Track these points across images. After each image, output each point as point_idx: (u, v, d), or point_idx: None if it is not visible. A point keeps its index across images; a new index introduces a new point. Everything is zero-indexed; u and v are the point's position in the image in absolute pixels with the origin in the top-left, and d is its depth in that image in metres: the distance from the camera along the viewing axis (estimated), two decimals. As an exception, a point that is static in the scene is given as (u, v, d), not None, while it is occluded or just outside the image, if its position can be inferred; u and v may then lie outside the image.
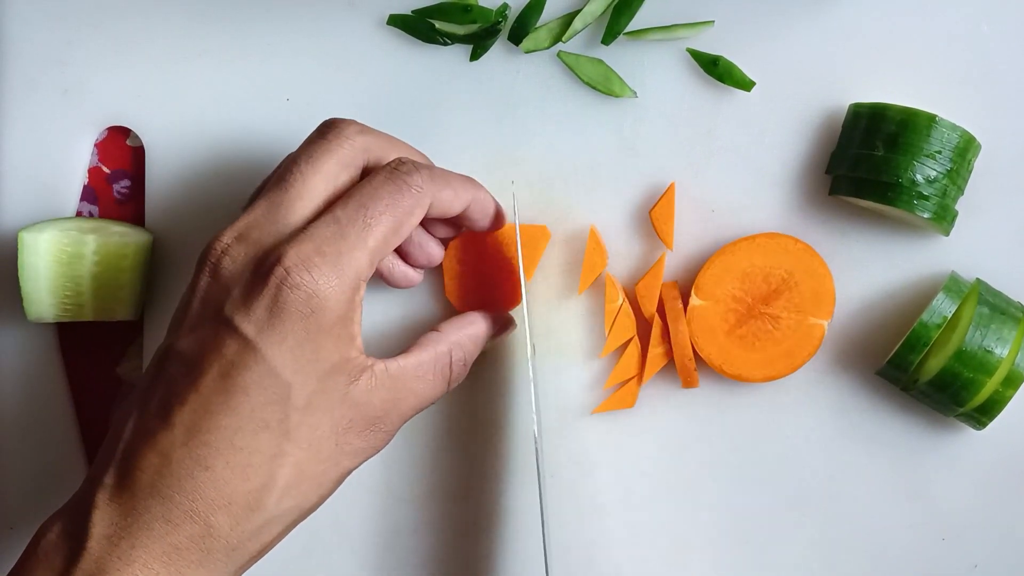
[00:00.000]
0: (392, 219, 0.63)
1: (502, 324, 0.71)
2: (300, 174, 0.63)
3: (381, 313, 0.74)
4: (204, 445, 0.59)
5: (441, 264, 0.72)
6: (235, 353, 0.60)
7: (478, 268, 0.72)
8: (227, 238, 0.62)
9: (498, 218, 0.70)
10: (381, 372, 0.63)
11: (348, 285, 0.61)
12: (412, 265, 0.71)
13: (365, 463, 0.73)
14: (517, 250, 0.70)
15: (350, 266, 0.61)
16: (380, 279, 0.71)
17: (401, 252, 0.70)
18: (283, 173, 0.64)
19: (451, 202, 0.66)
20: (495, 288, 0.72)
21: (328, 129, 0.65)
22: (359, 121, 0.66)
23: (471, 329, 0.69)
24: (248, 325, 0.60)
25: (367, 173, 0.66)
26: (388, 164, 0.64)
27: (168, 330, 0.63)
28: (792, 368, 0.70)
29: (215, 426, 0.59)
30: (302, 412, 0.61)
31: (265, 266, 0.61)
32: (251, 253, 0.62)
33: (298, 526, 0.71)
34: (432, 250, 0.70)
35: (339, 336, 0.61)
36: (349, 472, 0.64)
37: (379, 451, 0.64)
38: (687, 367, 0.71)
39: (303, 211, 0.63)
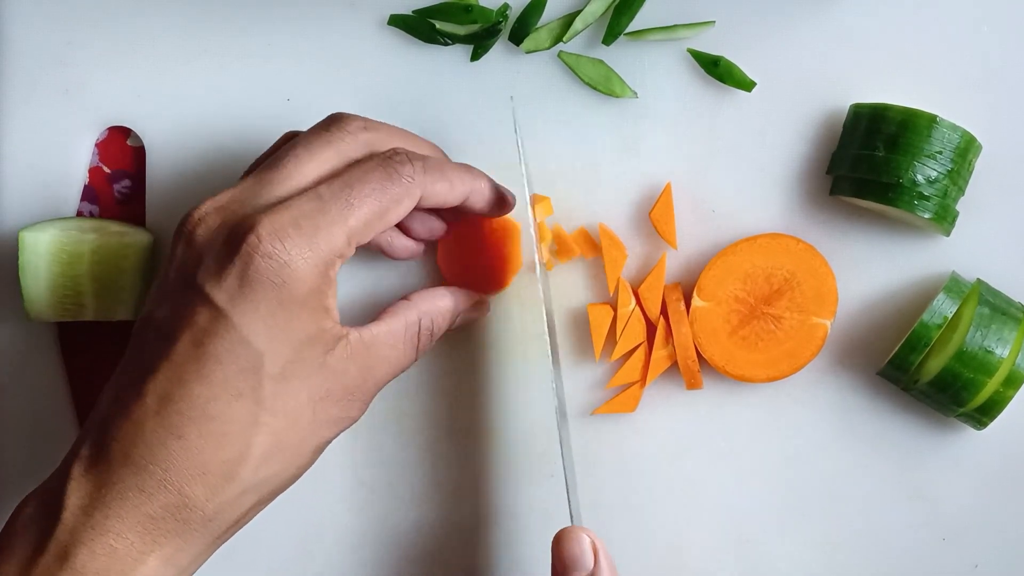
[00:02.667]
0: (377, 204, 0.62)
1: (475, 305, 0.71)
2: (296, 159, 0.63)
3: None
4: (177, 414, 0.59)
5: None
6: (207, 321, 0.60)
7: (474, 245, 0.72)
8: (205, 207, 0.62)
9: (501, 206, 0.69)
10: (356, 340, 0.63)
11: (321, 259, 0.61)
12: (413, 238, 0.70)
13: (365, 463, 0.73)
14: (523, 173, 0.69)
15: (326, 241, 0.61)
16: (380, 252, 0.71)
17: (402, 226, 0.70)
18: (280, 156, 0.63)
19: (446, 195, 0.65)
20: (486, 267, 0.72)
21: (332, 122, 0.65)
22: (365, 116, 0.66)
23: (441, 302, 0.68)
24: (219, 293, 0.60)
25: None
26: (383, 152, 0.64)
27: (147, 299, 0.63)
28: (795, 368, 0.71)
29: (188, 394, 0.59)
30: (276, 381, 0.60)
31: (238, 234, 0.60)
32: (227, 222, 0.61)
33: (298, 526, 0.71)
34: (433, 224, 0.70)
35: (313, 308, 0.61)
36: (327, 442, 0.64)
37: (355, 421, 0.64)
38: (691, 369, 0.71)
39: (287, 188, 0.62)
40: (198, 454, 0.59)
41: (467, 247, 0.72)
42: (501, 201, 0.69)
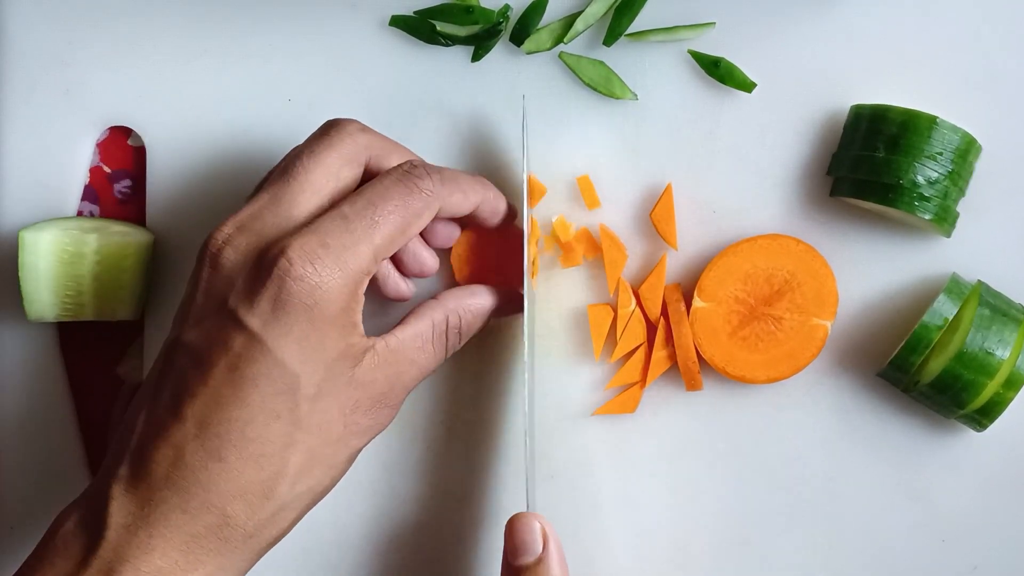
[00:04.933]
0: (400, 219, 0.63)
1: (508, 300, 0.71)
2: (303, 167, 0.64)
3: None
4: (216, 437, 0.60)
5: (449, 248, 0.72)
6: (242, 346, 0.60)
7: (486, 248, 0.72)
8: (228, 228, 0.63)
9: (507, 216, 0.71)
10: (383, 349, 0.64)
11: (350, 278, 0.61)
12: (404, 274, 0.71)
13: (365, 463, 0.74)
14: (523, 153, 0.70)
15: (354, 260, 0.62)
16: (374, 286, 0.71)
17: (394, 259, 0.70)
18: (286, 167, 0.64)
19: (461, 204, 0.67)
20: (499, 269, 0.72)
21: (331, 127, 0.66)
22: (360, 121, 0.66)
23: (471, 299, 0.69)
24: (253, 318, 0.60)
25: (369, 173, 0.66)
26: (400, 166, 0.65)
27: (174, 322, 0.64)
28: (795, 369, 0.71)
29: (226, 418, 0.60)
30: (312, 401, 0.61)
31: (268, 258, 0.61)
32: (253, 244, 0.62)
33: (298, 527, 0.71)
34: (425, 259, 0.70)
35: (342, 325, 0.62)
36: (358, 451, 0.65)
37: (386, 427, 0.65)
38: (691, 370, 0.71)
39: (307, 204, 0.63)
40: (238, 476, 0.60)
41: (479, 251, 0.72)
42: (507, 211, 0.71)
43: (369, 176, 0.66)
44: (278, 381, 0.60)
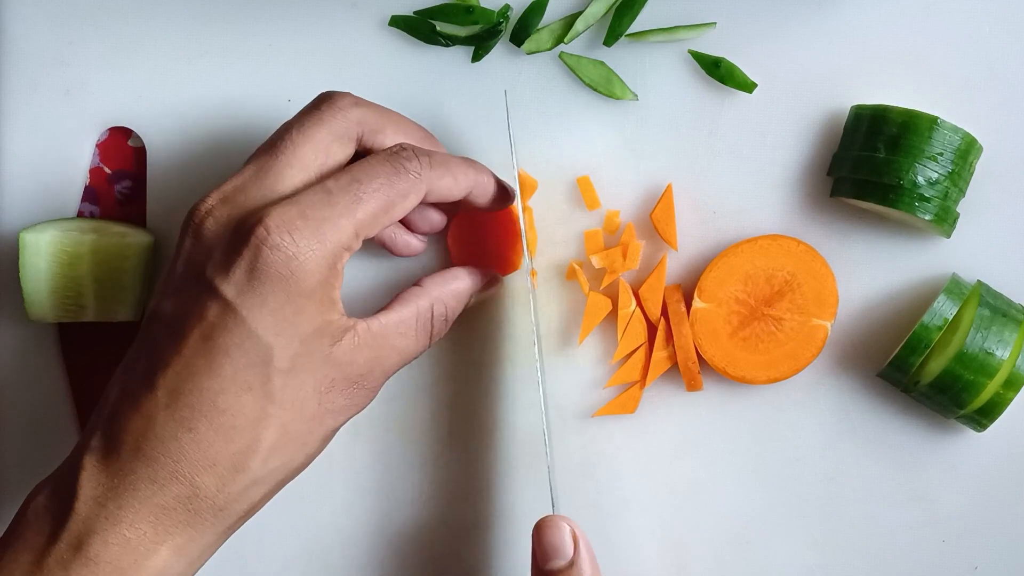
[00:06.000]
0: (384, 198, 0.63)
1: (487, 281, 0.71)
2: (291, 142, 0.63)
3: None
4: (187, 407, 0.60)
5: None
6: (216, 315, 0.60)
7: (484, 227, 0.72)
8: (212, 200, 0.62)
9: (502, 199, 0.70)
10: (364, 331, 0.63)
11: (329, 251, 0.61)
12: (414, 231, 0.71)
13: (366, 466, 0.74)
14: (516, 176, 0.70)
15: (334, 233, 0.61)
16: (383, 248, 0.71)
17: (403, 220, 0.70)
18: (274, 141, 0.64)
19: (450, 189, 0.66)
20: (496, 248, 0.72)
21: (323, 101, 0.65)
22: (354, 94, 0.66)
23: (454, 284, 0.68)
24: (228, 287, 0.60)
25: (363, 150, 0.66)
26: (390, 148, 0.64)
27: (154, 293, 0.64)
28: (796, 369, 0.71)
29: (197, 388, 0.60)
30: (284, 374, 0.61)
31: (246, 227, 0.61)
32: (235, 215, 0.62)
33: (299, 528, 0.71)
34: (434, 217, 0.70)
35: (320, 300, 0.61)
36: (334, 431, 0.64)
37: (362, 409, 0.65)
38: (691, 370, 0.71)
39: (292, 179, 0.63)
40: (208, 447, 0.60)
41: (477, 229, 0.72)
42: (503, 195, 0.70)
43: (363, 153, 0.66)
44: (251, 352, 0.60)
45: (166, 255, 0.74)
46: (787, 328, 0.70)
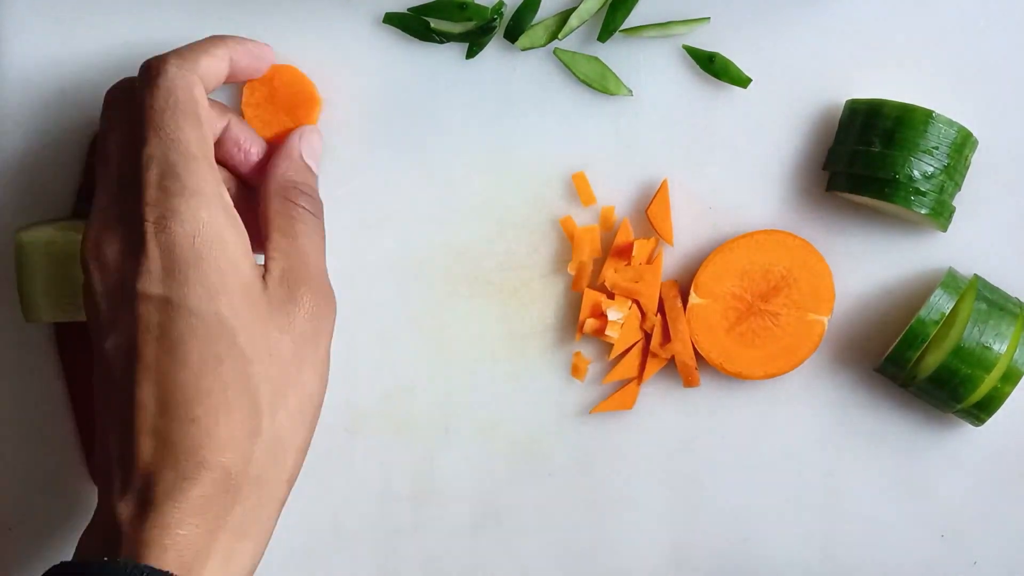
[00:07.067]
0: (168, 94, 0.63)
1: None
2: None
3: None
4: (178, 405, 0.60)
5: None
6: (157, 316, 0.61)
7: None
8: (90, 234, 0.63)
9: (263, 59, 0.70)
10: (275, 250, 0.64)
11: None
12: (240, 167, 0.70)
13: (364, 465, 0.73)
14: None
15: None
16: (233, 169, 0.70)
17: (227, 165, 0.70)
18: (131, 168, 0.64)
19: (217, 70, 0.66)
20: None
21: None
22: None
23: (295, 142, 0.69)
24: (152, 285, 0.61)
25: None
26: (135, 79, 0.65)
27: (91, 342, 0.64)
28: (793, 365, 0.70)
29: (178, 385, 0.60)
30: (245, 329, 0.61)
31: (135, 218, 0.62)
32: (120, 233, 0.62)
33: (297, 527, 0.71)
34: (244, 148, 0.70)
35: (225, 246, 0.62)
36: (327, 350, 0.65)
37: (336, 311, 0.65)
38: (688, 366, 0.71)
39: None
40: (216, 427, 0.60)
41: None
42: (261, 54, 0.70)
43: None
44: (202, 328, 0.60)
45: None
46: (783, 323, 0.70)
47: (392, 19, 0.73)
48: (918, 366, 0.69)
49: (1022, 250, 0.72)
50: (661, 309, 0.72)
